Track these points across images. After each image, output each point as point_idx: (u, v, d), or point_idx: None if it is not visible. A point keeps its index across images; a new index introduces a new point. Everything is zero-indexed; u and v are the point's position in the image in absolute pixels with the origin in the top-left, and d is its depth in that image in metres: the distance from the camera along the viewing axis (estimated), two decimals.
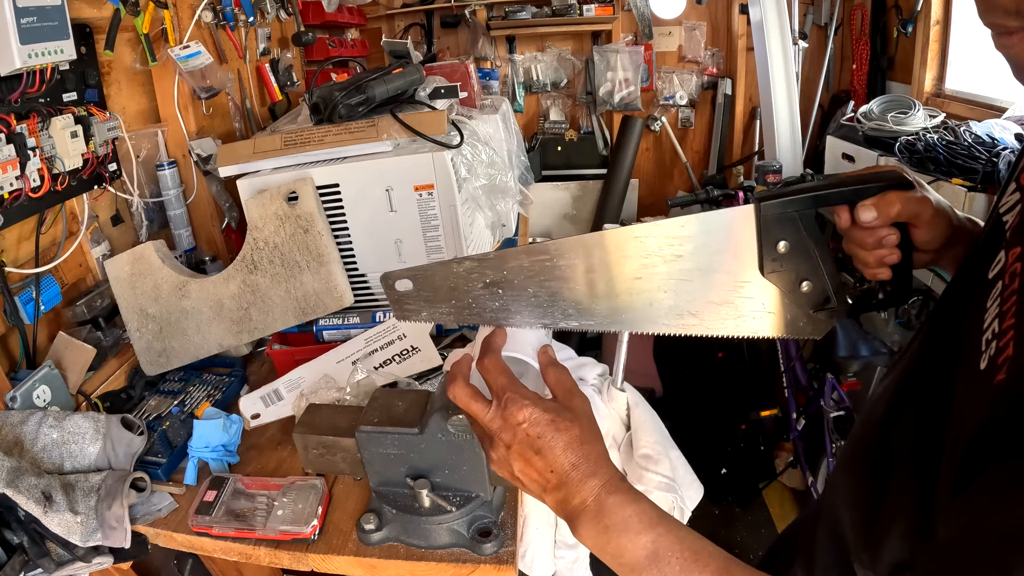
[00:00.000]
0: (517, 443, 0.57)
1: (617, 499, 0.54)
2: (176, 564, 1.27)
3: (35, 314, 1.08)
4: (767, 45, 2.46)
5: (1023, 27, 0.43)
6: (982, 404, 0.39)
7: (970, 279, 0.52)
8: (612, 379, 1.20)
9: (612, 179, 3.21)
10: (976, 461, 0.37)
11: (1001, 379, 0.38)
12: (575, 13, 3.00)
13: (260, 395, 1.13)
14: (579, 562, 1.15)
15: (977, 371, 0.41)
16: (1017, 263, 0.44)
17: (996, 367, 0.39)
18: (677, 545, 0.51)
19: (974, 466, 0.37)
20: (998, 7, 0.44)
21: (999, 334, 0.41)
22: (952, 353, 0.46)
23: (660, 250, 0.59)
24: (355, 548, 0.84)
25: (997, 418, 0.37)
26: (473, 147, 1.33)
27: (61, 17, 1.00)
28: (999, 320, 0.42)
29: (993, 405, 0.38)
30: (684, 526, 0.54)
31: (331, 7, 2.21)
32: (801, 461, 2.14)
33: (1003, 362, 0.39)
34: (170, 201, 1.41)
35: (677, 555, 0.51)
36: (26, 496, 0.80)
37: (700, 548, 0.51)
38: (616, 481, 0.56)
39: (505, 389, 0.58)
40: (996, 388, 0.38)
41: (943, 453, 0.42)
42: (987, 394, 0.39)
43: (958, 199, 1.62)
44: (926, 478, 0.42)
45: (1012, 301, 0.42)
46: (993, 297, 0.44)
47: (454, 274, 0.62)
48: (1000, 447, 0.35)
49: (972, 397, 0.41)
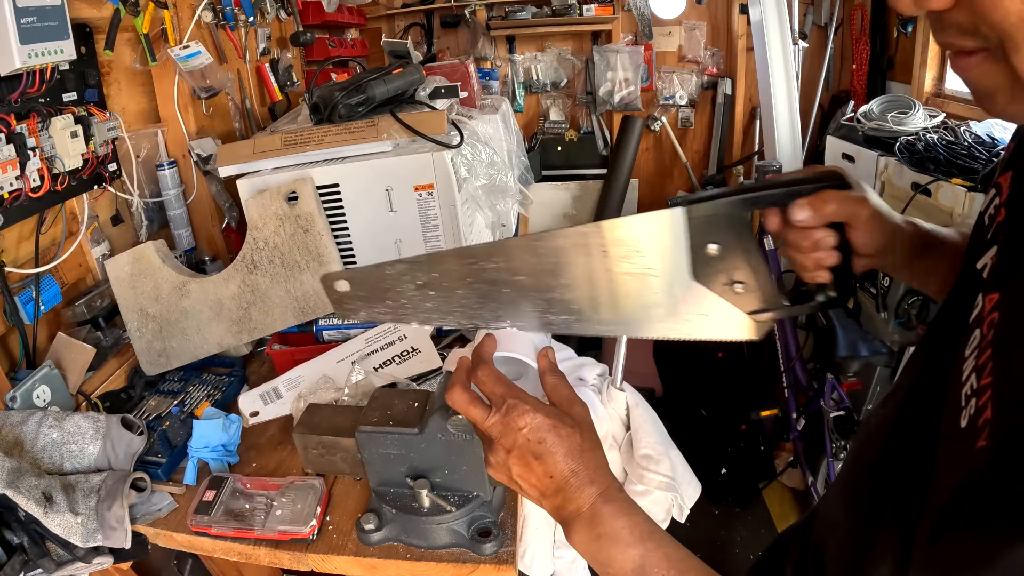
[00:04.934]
0: (517, 448, 0.57)
1: (611, 509, 0.55)
2: (176, 564, 1.27)
3: (35, 314, 1.08)
4: (767, 45, 2.45)
5: (980, 47, 0.37)
6: (962, 465, 0.37)
7: (954, 316, 0.48)
8: (612, 379, 1.20)
9: (612, 179, 3.21)
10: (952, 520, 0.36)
11: (983, 446, 0.36)
12: (575, 13, 3.00)
13: (259, 393, 1.13)
14: (578, 562, 1.15)
15: (958, 428, 0.39)
16: (994, 312, 0.40)
17: (977, 429, 0.37)
18: (664, 562, 0.52)
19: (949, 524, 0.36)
20: (951, 25, 0.38)
21: (977, 391, 0.38)
22: (936, 402, 0.44)
23: (591, 253, 0.58)
24: (355, 548, 0.84)
25: (977, 484, 0.35)
26: (473, 147, 1.33)
27: (61, 17, 1.00)
28: (976, 375, 0.39)
29: (972, 470, 0.36)
30: (675, 542, 0.54)
31: (331, 7, 2.21)
32: (801, 461, 2.14)
33: (983, 425, 0.37)
34: (170, 201, 1.41)
35: (663, 571, 0.51)
36: (26, 497, 0.80)
37: (688, 567, 0.52)
38: (613, 491, 0.56)
39: (504, 396, 0.58)
40: (977, 454, 0.36)
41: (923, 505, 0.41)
42: (967, 456, 0.37)
43: (958, 199, 1.62)
44: (909, 527, 0.41)
45: (987, 355, 0.39)
46: (971, 346, 0.41)
47: (387, 276, 0.63)
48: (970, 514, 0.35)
49: (953, 455, 0.39)
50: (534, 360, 0.65)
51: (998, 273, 0.43)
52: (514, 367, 0.83)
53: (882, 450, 0.53)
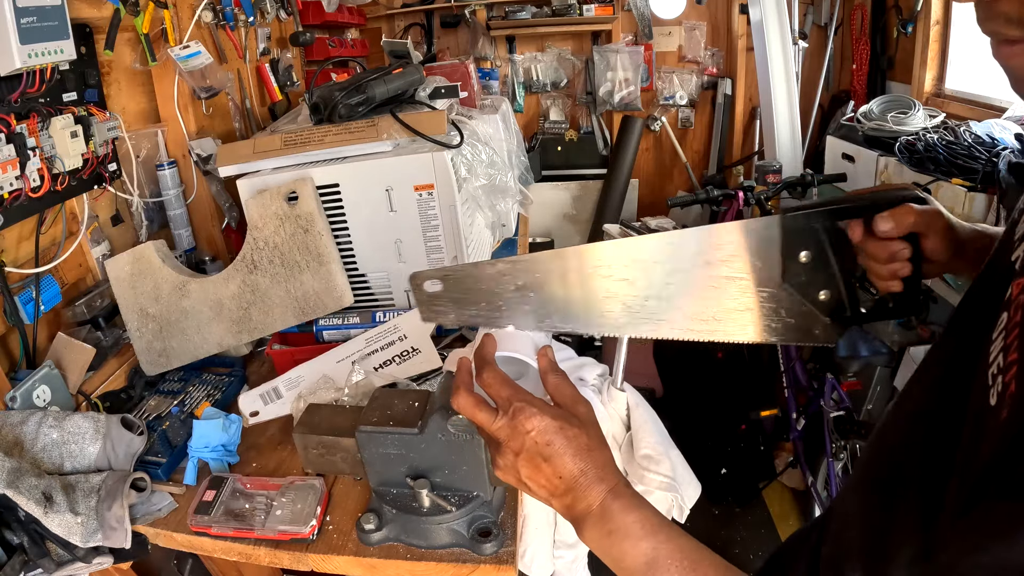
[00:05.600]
0: (526, 451, 0.58)
1: (621, 504, 0.56)
2: (176, 564, 1.27)
3: (35, 314, 1.08)
4: (767, 45, 2.46)
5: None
6: (990, 440, 0.39)
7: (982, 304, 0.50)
8: (612, 379, 1.20)
9: (612, 179, 3.21)
10: (982, 493, 0.38)
11: (1005, 416, 0.38)
12: (575, 13, 3.01)
13: (259, 393, 1.13)
14: (578, 562, 1.15)
15: (988, 406, 0.41)
16: (1022, 295, 0.42)
17: (1003, 403, 0.38)
18: (677, 553, 0.53)
19: (980, 497, 0.38)
20: (999, 15, 0.40)
21: (1004, 368, 0.40)
22: (964, 384, 0.45)
23: (692, 257, 0.61)
24: (355, 548, 0.84)
25: (999, 455, 0.37)
26: (473, 147, 1.33)
27: (61, 17, 1.00)
28: (1003, 354, 0.41)
29: (997, 441, 0.38)
30: (685, 534, 0.55)
31: (331, 7, 2.21)
32: (801, 461, 2.14)
33: (1008, 399, 0.38)
34: (170, 201, 1.41)
35: (676, 563, 0.52)
36: (26, 497, 0.80)
37: (699, 558, 0.52)
38: (621, 487, 0.57)
39: (511, 399, 0.59)
40: (1001, 425, 0.38)
41: (950, 483, 0.42)
42: (994, 430, 0.39)
43: (958, 199, 1.62)
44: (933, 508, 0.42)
45: (1015, 335, 0.40)
46: (998, 329, 0.43)
47: (485, 276, 0.62)
48: (998, 484, 0.36)
49: (982, 432, 0.41)
50: (535, 359, 0.65)
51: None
52: (514, 367, 0.83)
53: (904, 436, 0.54)
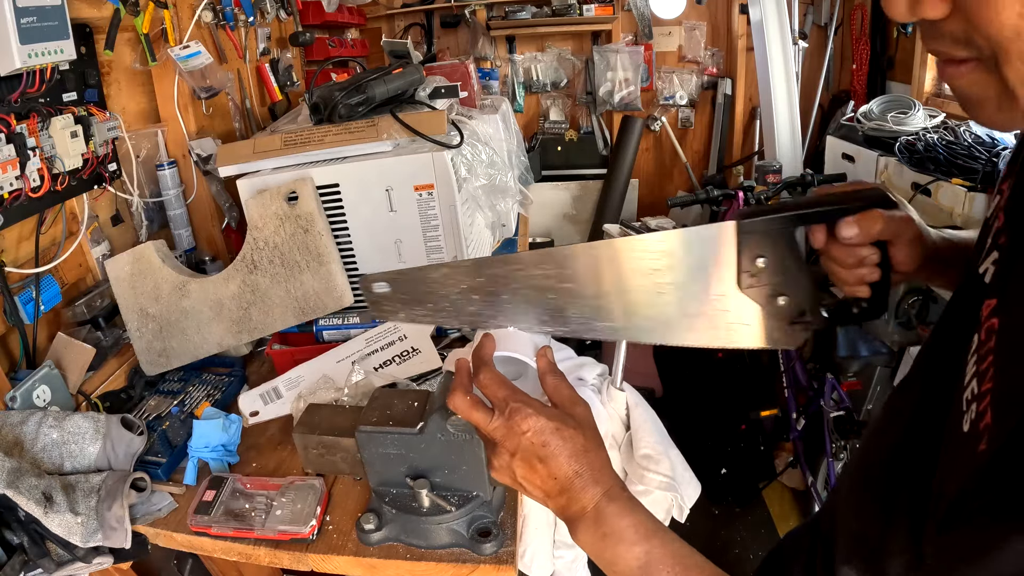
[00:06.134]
0: (521, 451, 0.58)
1: (616, 508, 0.56)
2: (176, 564, 1.27)
3: (35, 314, 1.08)
4: (767, 45, 2.46)
5: (972, 57, 0.37)
6: (965, 468, 0.39)
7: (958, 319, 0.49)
8: (612, 379, 1.20)
9: (612, 179, 3.21)
10: (957, 518, 0.38)
11: (983, 449, 0.37)
12: (575, 13, 3.00)
13: (259, 392, 1.13)
14: (578, 562, 1.15)
15: (961, 432, 0.40)
16: (993, 318, 0.41)
17: (978, 434, 0.38)
18: (670, 559, 0.53)
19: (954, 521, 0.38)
20: (944, 34, 0.38)
21: (978, 396, 0.39)
22: (941, 404, 0.45)
23: (639, 263, 0.60)
24: (355, 548, 0.84)
25: (979, 486, 0.37)
26: (473, 147, 1.33)
27: (61, 17, 1.00)
28: (977, 380, 0.40)
29: (974, 473, 0.38)
30: (679, 539, 0.55)
31: (331, 7, 2.21)
32: (801, 461, 2.14)
33: (984, 430, 0.38)
34: (170, 201, 1.41)
35: (668, 568, 0.52)
36: (26, 497, 0.80)
37: (692, 563, 0.52)
38: (616, 490, 0.57)
39: (507, 400, 0.59)
40: (979, 457, 0.37)
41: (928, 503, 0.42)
42: (970, 460, 0.38)
43: (958, 199, 1.62)
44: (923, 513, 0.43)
45: (988, 362, 0.40)
46: (972, 351, 0.42)
47: (431, 279, 0.64)
48: (975, 510, 0.36)
49: (956, 459, 0.41)
50: (533, 360, 0.65)
51: (997, 279, 0.44)
52: (513, 367, 0.83)
53: (892, 447, 0.54)
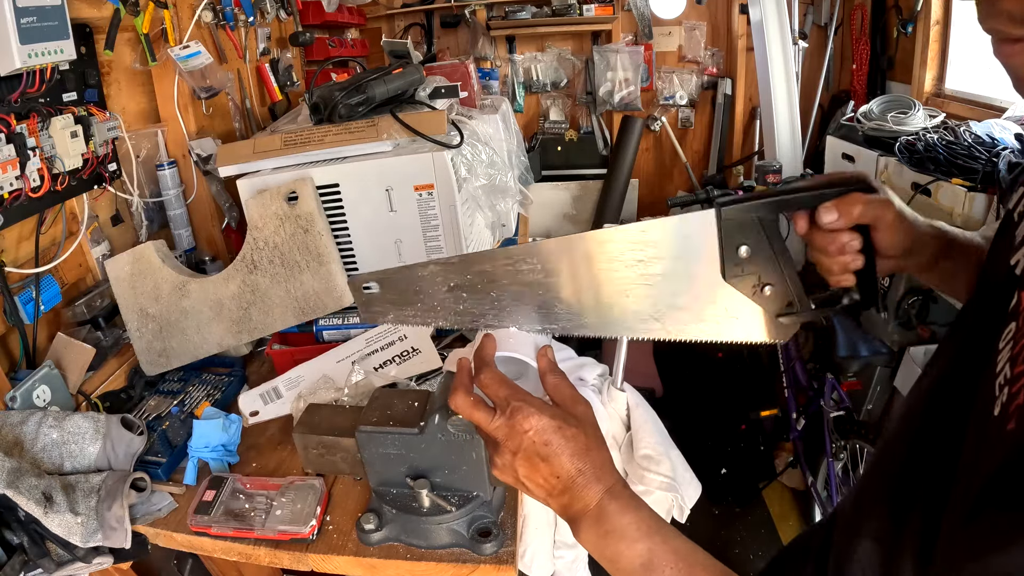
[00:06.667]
0: (523, 450, 0.58)
1: (618, 506, 0.56)
2: (176, 564, 1.27)
3: (35, 314, 1.08)
4: (767, 45, 2.45)
5: None
6: (995, 452, 0.39)
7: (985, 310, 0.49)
8: (612, 379, 1.20)
9: (612, 179, 3.21)
10: (986, 502, 0.38)
11: (1011, 428, 0.37)
12: (575, 13, 3.00)
13: (259, 392, 1.13)
14: (578, 562, 1.15)
15: (991, 416, 0.40)
16: None
17: (1008, 415, 0.38)
18: (672, 556, 0.52)
19: (984, 506, 0.38)
20: (1001, 12, 0.40)
21: (1011, 379, 0.40)
22: (967, 392, 0.45)
23: (623, 255, 0.59)
24: (355, 548, 0.84)
25: (1006, 466, 0.37)
26: (473, 147, 1.33)
27: (61, 17, 1.00)
28: (1011, 365, 0.40)
29: (1004, 453, 0.37)
30: (681, 536, 0.54)
31: (331, 7, 2.21)
32: (801, 461, 2.14)
33: (1014, 411, 0.38)
34: (170, 201, 1.41)
35: (671, 566, 0.52)
36: (26, 497, 0.80)
37: (695, 560, 0.52)
38: (618, 488, 0.57)
39: (509, 399, 0.59)
40: (1008, 436, 0.37)
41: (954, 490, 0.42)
42: (999, 441, 0.38)
43: (958, 199, 1.62)
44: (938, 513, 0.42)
45: (1022, 344, 0.40)
46: (1005, 339, 0.43)
47: (419, 278, 0.63)
48: (1003, 495, 0.36)
49: (985, 443, 0.40)
50: (534, 360, 0.65)
51: None
52: (514, 367, 0.83)
53: (910, 444, 0.53)
